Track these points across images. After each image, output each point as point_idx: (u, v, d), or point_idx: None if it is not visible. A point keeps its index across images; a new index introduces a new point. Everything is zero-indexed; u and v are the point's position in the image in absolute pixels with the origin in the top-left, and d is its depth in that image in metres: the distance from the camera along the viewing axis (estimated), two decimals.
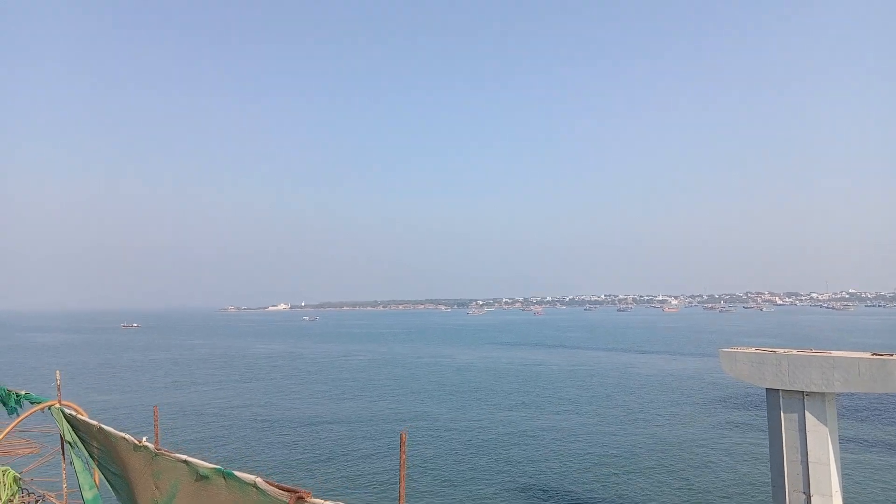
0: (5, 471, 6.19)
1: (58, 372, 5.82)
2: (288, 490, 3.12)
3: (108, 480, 5.05)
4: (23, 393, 6.43)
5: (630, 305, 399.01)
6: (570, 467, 26.97)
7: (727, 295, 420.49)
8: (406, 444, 2.89)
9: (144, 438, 4.26)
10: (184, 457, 3.86)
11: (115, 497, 5.02)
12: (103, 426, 4.74)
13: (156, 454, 4.09)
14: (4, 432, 5.64)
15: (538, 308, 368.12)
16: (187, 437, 32.90)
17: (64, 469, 5.73)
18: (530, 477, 25.60)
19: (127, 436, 4.42)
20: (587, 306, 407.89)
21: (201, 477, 3.72)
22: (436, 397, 46.45)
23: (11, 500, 6.10)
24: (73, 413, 5.38)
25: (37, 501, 6.85)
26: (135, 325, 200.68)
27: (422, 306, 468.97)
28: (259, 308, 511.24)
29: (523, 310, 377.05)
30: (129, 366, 73.70)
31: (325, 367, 70.37)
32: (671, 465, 27.19)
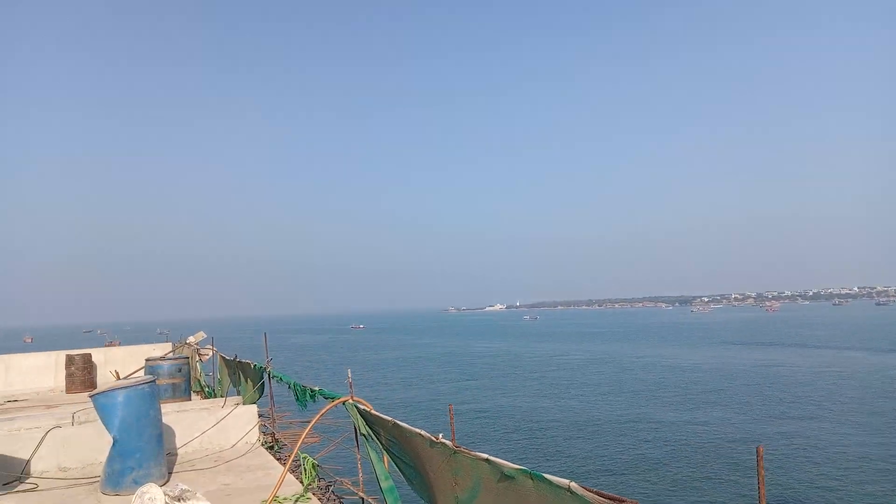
0: (305, 458, 6.93)
1: (349, 370, 6.37)
2: (612, 498, 2.96)
3: (401, 471, 5.38)
4: (317, 389, 7.18)
5: (892, 298, 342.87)
6: (835, 488, 23.79)
7: None
8: (763, 458, 2.57)
9: (441, 435, 4.43)
10: (485, 455, 3.91)
11: (408, 487, 5.32)
12: (398, 422, 5.04)
13: (454, 451, 4.22)
14: (311, 424, 6.31)
15: (774, 304, 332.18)
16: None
17: (359, 459, 6.24)
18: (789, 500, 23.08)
19: (423, 432, 4.64)
20: (836, 300, 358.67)
21: (506, 477, 3.73)
22: (659, 399, 44.08)
23: (311, 485, 6.79)
24: (365, 408, 5.83)
25: (328, 486, 7.55)
26: (360, 326, 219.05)
27: (640, 304, 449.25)
28: (477, 308, 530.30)
29: (758, 306, 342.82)
30: (363, 363, 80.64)
31: (556, 365, 70.66)
32: None
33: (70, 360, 15.02)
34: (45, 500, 7.01)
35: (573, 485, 3.23)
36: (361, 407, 5.89)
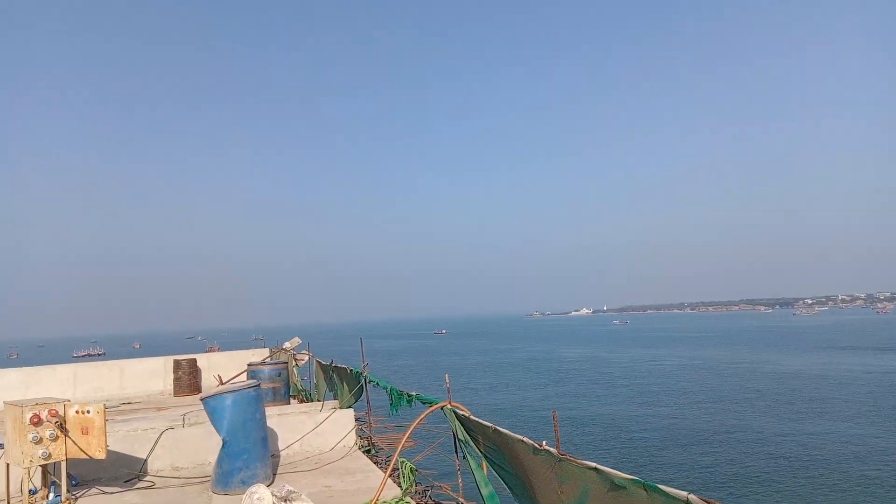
0: (403, 462, 6.99)
1: (447, 375, 6.37)
2: None
3: (501, 478, 5.31)
4: (414, 394, 7.23)
5: None
6: None
7: None
8: None
9: (544, 442, 4.34)
10: (593, 464, 3.79)
11: (509, 494, 5.25)
12: (498, 428, 4.98)
13: (560, 459, 4.12)
14: (410, 429, 6.35)
15: (886, 305, 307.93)
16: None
17: (458, 465, 6.22)
18: None
19: (525, 438, 4.56)
20: None
21: (616, 487, 3.60)
22: (761, 407, 41.74)
23: (409, 489, 6.83)
24: (464, 414, 5.81)
25: (425, 491, 7.58)
26: (444, 331, 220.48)
27: (736, 307, 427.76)
28: (562, 313, 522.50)
29: (868, 307, 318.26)
30: (448, 368, 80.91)
31: (652, 372, 68.62)
32: None
33: (177, 365, 15.88)
34: (162, 497, 7.42)
35: (692, 497, 3.07)
36: (460, 412, 5.88)
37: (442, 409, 6.15)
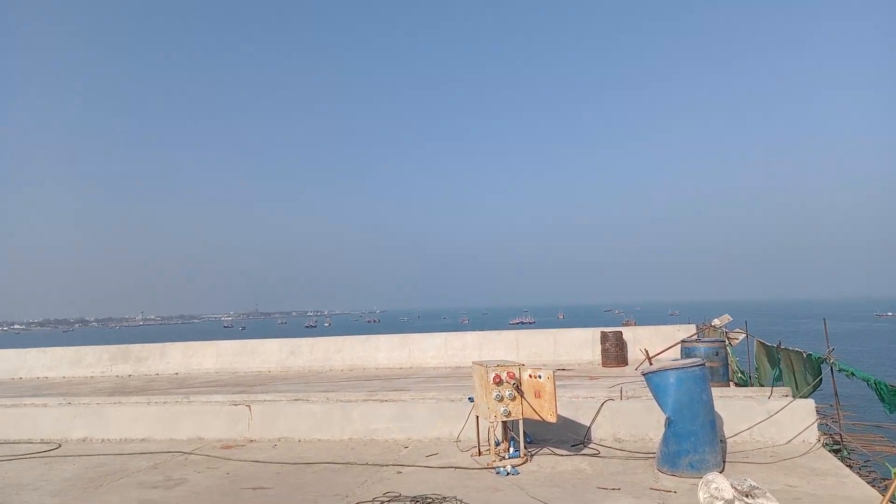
0: None
1: None
2: None
3: None
4: None
5: None
6: None
7: None
8: None
9: None
10: None
11: None
12: None
13: None
14: None
15: None
16: None
17: None
18: None
19: None
20: None
21: None
22: None
23: None
24: None
25: None
26: (888, 314, 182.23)
27: None
28: None
29: None
30: None
31: None
32: None
33: (604, 337, 16.27)
34: (608, 467, 7.47)
35: None
36: None
37: None
